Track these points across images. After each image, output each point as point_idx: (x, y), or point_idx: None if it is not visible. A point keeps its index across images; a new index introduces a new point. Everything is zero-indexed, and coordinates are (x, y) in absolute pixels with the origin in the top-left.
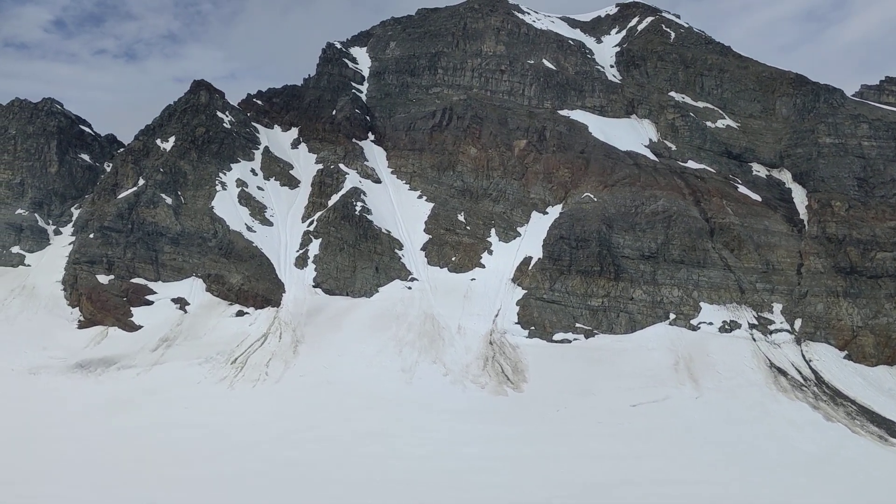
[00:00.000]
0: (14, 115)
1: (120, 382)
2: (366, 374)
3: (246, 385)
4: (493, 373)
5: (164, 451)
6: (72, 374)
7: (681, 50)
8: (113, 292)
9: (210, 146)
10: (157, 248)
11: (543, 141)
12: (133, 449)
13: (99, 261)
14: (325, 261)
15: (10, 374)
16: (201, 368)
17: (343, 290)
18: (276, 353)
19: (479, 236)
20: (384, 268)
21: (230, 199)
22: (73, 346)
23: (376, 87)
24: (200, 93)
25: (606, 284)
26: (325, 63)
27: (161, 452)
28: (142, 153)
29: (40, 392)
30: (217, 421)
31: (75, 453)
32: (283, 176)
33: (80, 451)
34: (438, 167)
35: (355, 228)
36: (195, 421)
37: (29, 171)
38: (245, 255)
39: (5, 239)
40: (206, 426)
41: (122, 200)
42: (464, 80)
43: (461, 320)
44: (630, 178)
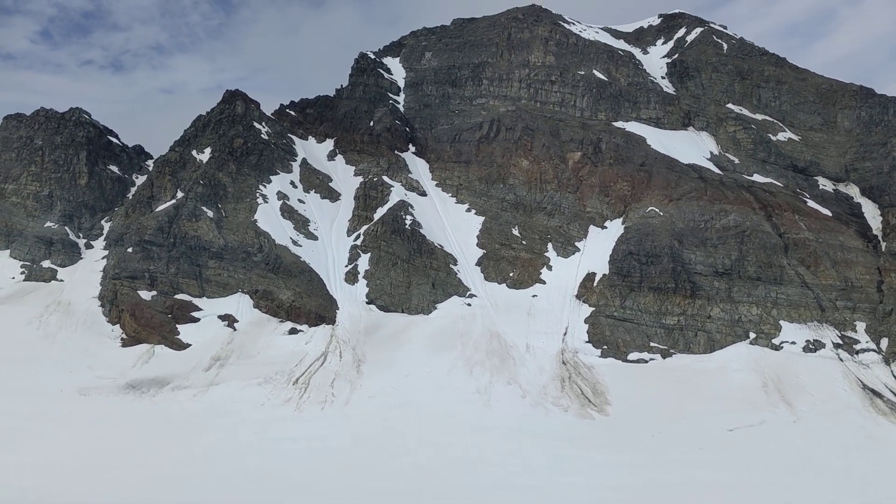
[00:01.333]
0: (40, 125)
1: (177, 404)
2: (438, 395)
3: (313, 407)
4: (572, 395)
5: (246, 479)
6: (124, 396)
7: (736, 61)
8: (157, 309)
9: (249, 158)
10: (201, 262)
11: (599, 153)
12: (211, 477)
13: (140, 276)
14: (377, 276)
15: (60, 395)
16: (262, 389)
17: (398, 306)
18: (339, 373)
19: (536, 251)
20: (441, 284)
21: (272, 212)
22: (119, 365)
23: (414, 97)
24: (236, 103)
25: (682, 302)
26: (358, 73)
27: (244, 481)
28: (178, 165)
29: (95, 415)
30: (295, 447)
31: (151, 482)
32: (323, 188)
33: (154, 479)
34: (487, 180)
35: (407, 243)
36: (270, 446)
37: (58, 182)
38: (294, 271)
39: (35, 253)
40: (284, 452)
41: (161, 213)
42: (511, 91)
43: (528, 339)
44: (696, 191)
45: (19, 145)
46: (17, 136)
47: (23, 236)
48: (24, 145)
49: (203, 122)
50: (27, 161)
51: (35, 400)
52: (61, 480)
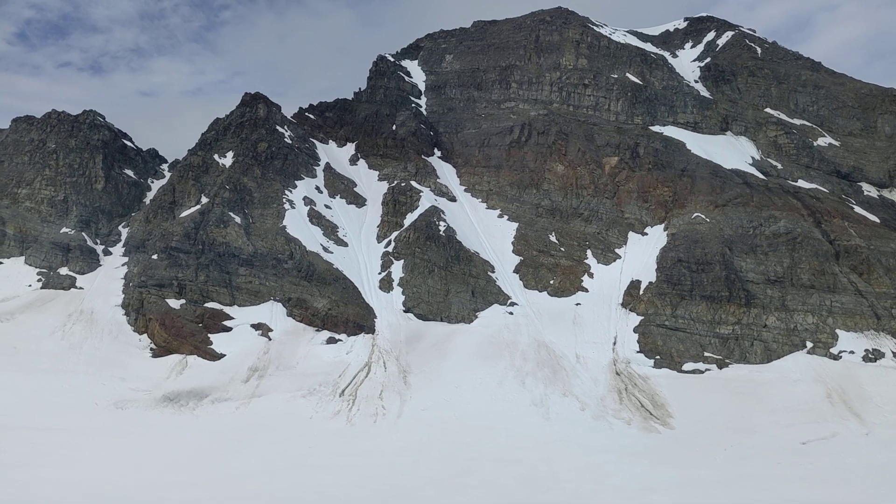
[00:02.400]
0: (52, 128)
1: (220, 418)
2: (494, 408)
3: (365, 420)
4: (632, 407)
5: (304, 498)
6: (162, 409)
7: (771, 65)
8: (187, 318)
9: (273, 162)
10: (230, 270)
11: (637, 158)
12: (267, 495)
13: (168, 284)
14: (413, 284)
15: (96, 409)
16: (307, 402)
17: (437, 315)
18: (386, 384)
19: (575, 258)
20: (480, 292)
21: (300, 217)
22: (152, 376)
23: (436, 101)
24: (258, 106)
25: (737, 311)
26: (377, 76)
27: (302, 499)
28: (201, 169)
29: (135, 429)
30: (352, 462)
31: (207, 500)
32: (349, 193)
33: (209, 498)
34: (519, 185)
35: (443, 249)
36: (329, 462)
37: (73, 187)
38: (328, 278)
39: (52, 259)
40: (344, 468)
41: (187, 219)
42: (541, 95)
43: (577, 349)
44: (742, 197)
45: (31, 148)
46: (29, 139)
47: (38, 242)
48: (37, 148)
49: (223, 126)
50: (41, 165)
51: (70, 414)
52: (115, 499)
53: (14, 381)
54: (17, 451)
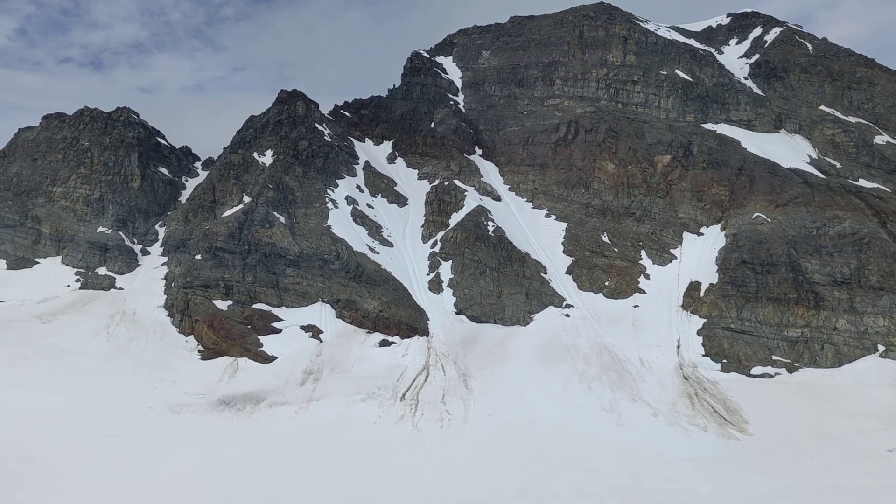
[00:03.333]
0: (85, 125)
1: (279, 422)
2: (562, 413)
3: (431, 426)
4: (705, 413)
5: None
6: (220, 413)
7: (824, 62)
8: (235, 319)
9: (314, 161)
10: (277, 270)
11: (690, 156)
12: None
13: (214, 285)
14: (463, 285)
15: (151, 413)
16: (367, 406)
17: (490, 317)
18: (447, 388)
19: (630, 259)
20: (535, 293)
21: (344, 217)
22: (204, 379)
23: (475, 98)
24: (297, 103)
25: (805, 313)
26: (413, 73)
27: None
28: (241, 168)
29: (194, 435)
30: (429, 470)
31: None
32: (390, 193)
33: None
34: (566, 184)
35: (493, 250)
36: (403, 470)
37: (109, 185)
38: (377, 279)
39: (90, 259)
40: (420, 476)
41: (230, 219)
42: (587, 92)
43: (639, 352)
44: (803, 197)
45: (65, 146)
46: (61, 136)
47: (74, 242)
48: (70, 146)
49: (261, 123)
50: (75, 163)
51: (125, 419)
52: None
53: (64, 384)
54: (78, 460)
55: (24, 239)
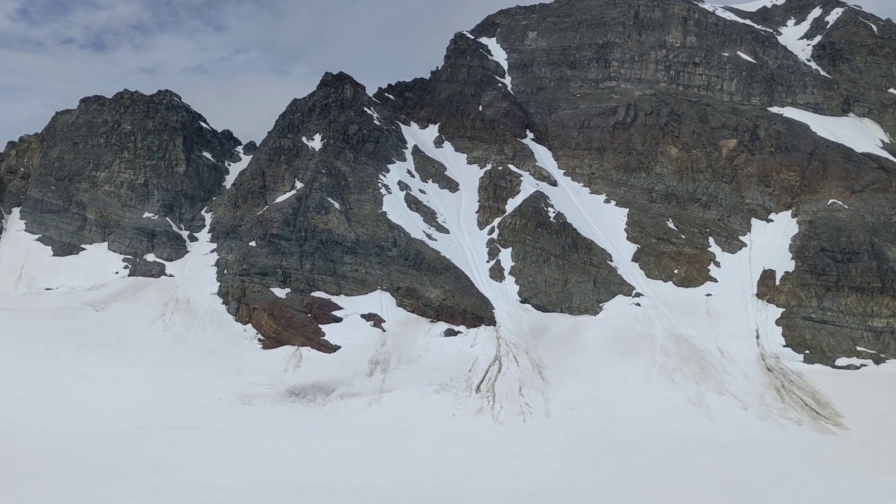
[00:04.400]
0: (125, 108)
1: (353, 414)
2: (648, 406)
3: (513, 419)
4: (796, 406)
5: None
6: (291, 404)
7: (892, 43)
8: (295, 308)
9: (365, 145)
10: (335, 258)
11: (757, 140)
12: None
13: (272, 272)
14: (526, 273)
15: (221, 404)
16: (442, 398)
17: (557, 306)
18: (523, 380)
19: (698, 246)
20: (602, 282)
21: (398, 203)
22: (268, 369)
23: (523, 80)
24: (344, 87)
25: (891, 303)
26: (457, 55)
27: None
28: (292, 153)
29: (269, 426)
30: (521, 466)
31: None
32: (440, 177)
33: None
34: (625, 168)
35: (556, 237)
36: (496, 466)
37: (153, 170)
38: (438, 267)
39: (137, 246)
40: (514, 472)
41: (284, 205)
42: (646, 74)
43: (717, 342)
44: (879, 182)
45: (106, 130)
46: (102, 119)
47: (120, 228)
48: (112, 130)
49: (307, 107)
50: (118, 147)
51: (197, 410)
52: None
53: (127, 375)
54: (162, 453)
55: (68, 225)
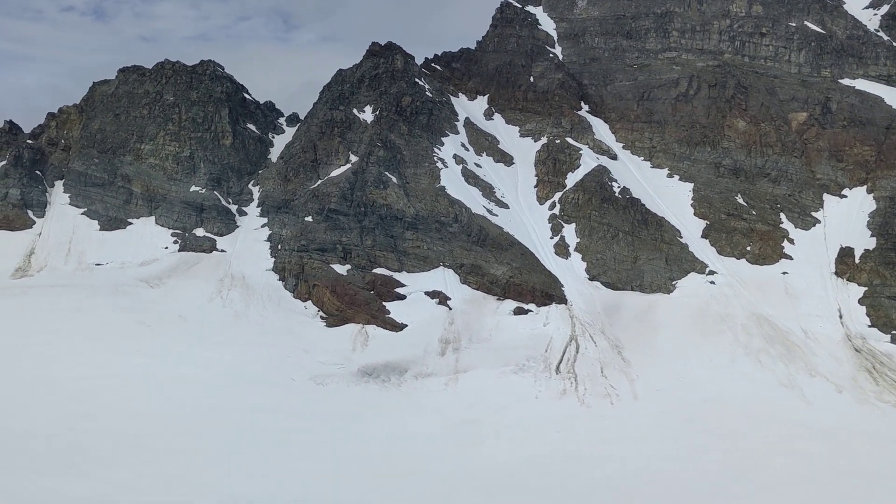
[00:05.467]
0: (167, 79)
1: (431, 395)
2: (738, 389)
3: (599, 402)
4: (891, 389)
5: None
6: (364, 384)
7: None
8: (357, 285)
9: (418, 117)
10: (395, 234)
11: (828, 114)
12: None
13: (331, 248)
14: (593, 250)
15: (294, 384)
16: (522, 379)
17: (627, 284)
18: (604, 361)
19: (770, 222)
20: (674, 259)
21: (456, 177)
22: (335, 348)
23: (575, 50)
24: (395, 57)
25: None
26: (504, 24)
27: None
28: (345, 125)
29: (348, 407)
30: (622, 451)
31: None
32: (494, 151)
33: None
34: (688, 142)
35: (623, 212)
36: (593, 450)
37: (199, 143)
38: (503, 243)
39: (185, 220)
40: (616, 458)
41: (340, 179)
42: (708, 44)
43: (800, 322)
44: None
45: (149, 101)
46: (143, 90)
47: (167, 202)
48: (154, 101)
49: (355, 78)
50: (161, 119)
51: (270, 390)
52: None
53: (193, 354)
54: (242, 437)
55: (114, 198)
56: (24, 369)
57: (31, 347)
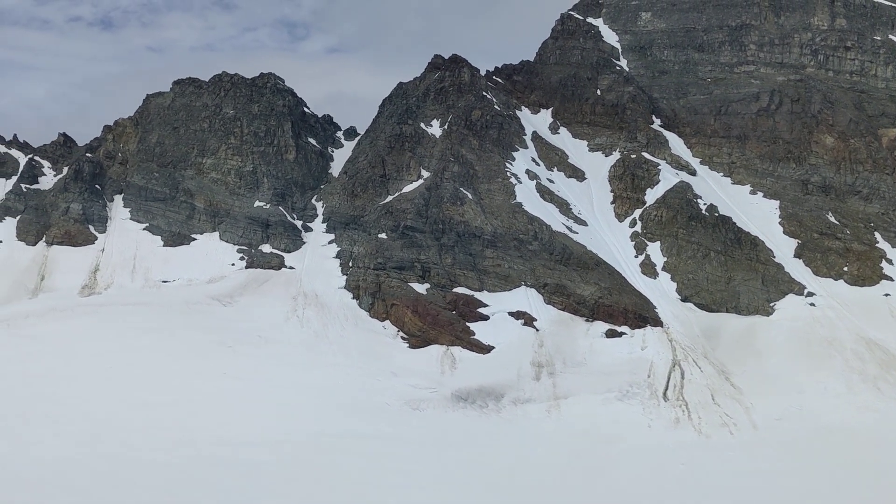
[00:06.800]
0: (226, 92)
1: (535, 423)
2: (864, 419)
3: (718, 432)
4: None
5: None
6: (462, 410)
7: None
8: (439, 304)
9: (489, 132)
10: (474, 251)
11: None
12: None
13: (409, 266)
14: (683, 270)
15: (390, 409)
16: (628, 406)
17: (722, 306)
18: (713, 387)
19: (866, 242)
20: (771, 280)
21: (531, 193)
22: (422, 370)
23: (642, 63)
24: (461, 70)
25: None
26: (565, 36)
27: None
28: (414, 140)
29: (456, 436)
30: (756, 485)
31: None
32: (565, 166)
33: None
34: (771, 158)
35: (714, 231)
36: (727, 484)
37: (262, 157)
38: (588, 262)
39: (251, 236)
40: (752, 492)
41: (414, 195)
42: (789, 58)
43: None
44: None
45: (208, 114)
46: (201, 103)
47: (231, 217)
48: (214, 115)
49: (420, 91)
50: (223, 132)
51: (366, 416)
52: None
53: (281, 376)
54: (349, 467)
55: (177, 213)
56: (112, 392)
57: (115, 369)
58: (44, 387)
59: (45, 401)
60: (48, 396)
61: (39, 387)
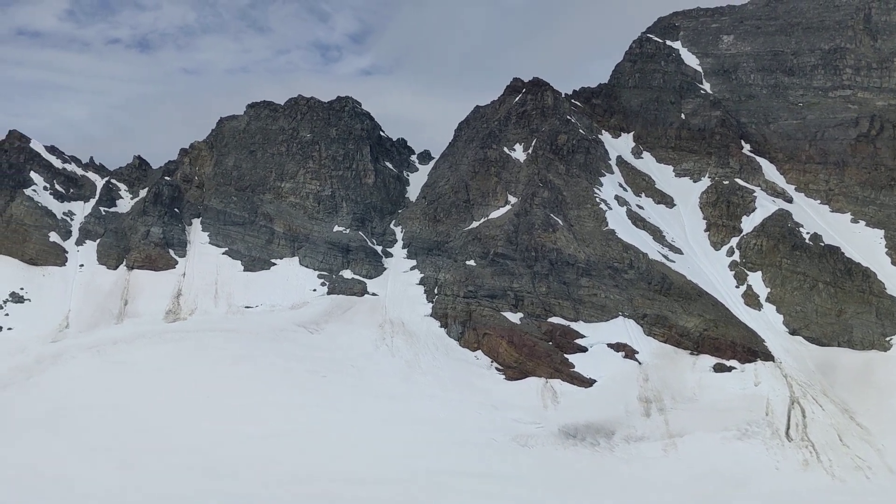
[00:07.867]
0: (302, 115)
1: (653, 462)
2: None
3: (852, 476)
4: None
5: None
6: (572, 447)
7: None
8: (534, 335)
9: (575, 156)
10: (568, 280)
11: None
12: None
13: (501, 295)
14: (790, 301)
15: (498, 446)
16: (749, 446)
17: (834, 339)
18: (839, 427)
19: None
20: (885, 313)
21: (622, 220)
22: (524, 404)
23: (727, 87)
24: (544, 93)
25: None
26: (644, 59)
27: None
28: (499, 165)
29: (564, 474)
30: None
31: None
32: (653, 192)
33: None
34: (873, 185)
35: (820, 261)
36: None
37: (340, 181)
38: (690, 293)
39: (331, 261)
40: None
41: (504, 221)
42: (889, 83)
43: None
44: None
45: (285, 138)
46: (277, 127)
47: (310, 242)
48: (291, 138)
49: (502, 115)
50: (300, 156)
51: (476, 453)
52: None
53: (381, 409)
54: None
55: (256, 238)
56: (213, 424)
57: (213, 399)
58: (143, 418)
59: (147, 433)
60: (149, 428)
61: (138, 418)
